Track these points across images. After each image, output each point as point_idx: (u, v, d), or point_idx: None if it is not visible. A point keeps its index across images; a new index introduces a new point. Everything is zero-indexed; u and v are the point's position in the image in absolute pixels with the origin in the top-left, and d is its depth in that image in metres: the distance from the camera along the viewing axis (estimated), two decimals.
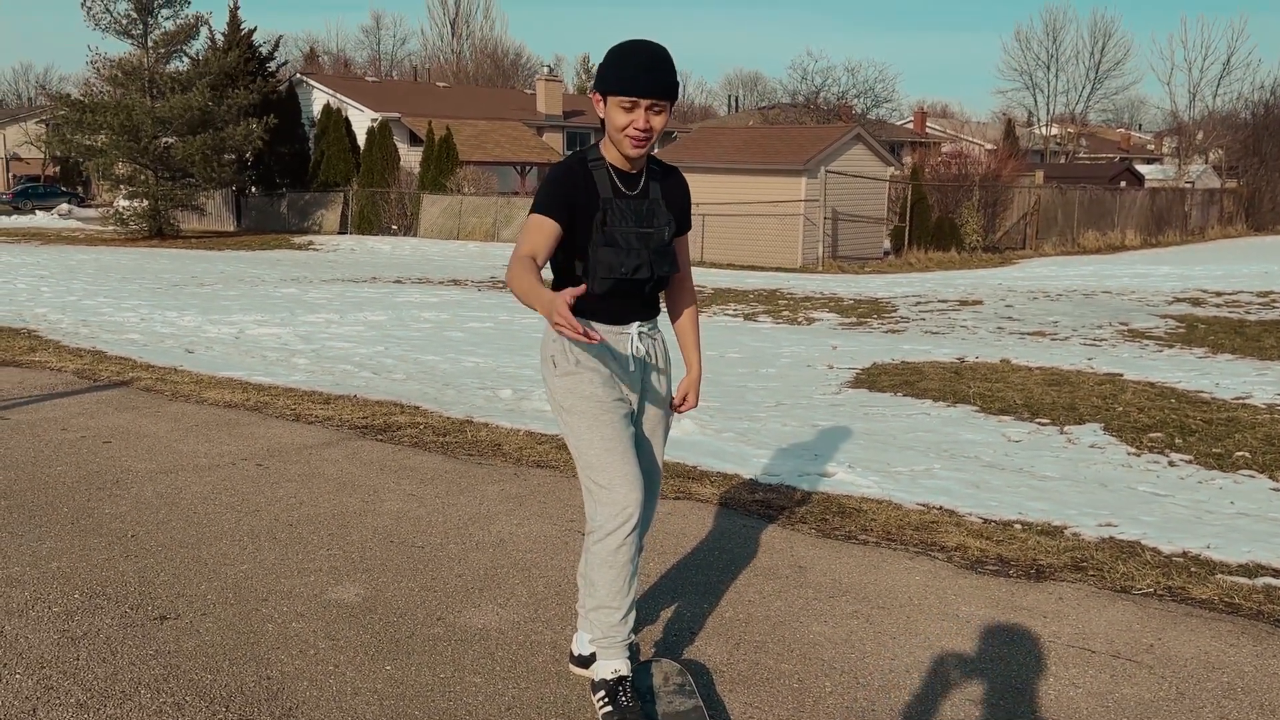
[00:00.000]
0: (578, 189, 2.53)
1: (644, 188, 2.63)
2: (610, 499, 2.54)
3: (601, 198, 2.55)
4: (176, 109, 26.62)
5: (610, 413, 2.58)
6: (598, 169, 2.57)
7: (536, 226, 2.50)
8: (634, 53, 2.46)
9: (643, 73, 2.44)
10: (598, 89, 2.52)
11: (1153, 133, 65.83)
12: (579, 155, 2.60)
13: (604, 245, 2.55)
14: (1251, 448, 6.02)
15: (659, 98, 2.46)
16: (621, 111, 2.47)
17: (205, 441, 5.49)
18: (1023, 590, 3.57)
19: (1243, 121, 41.65)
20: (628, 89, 2.44)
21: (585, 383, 2.59)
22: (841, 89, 41.59)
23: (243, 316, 11.66)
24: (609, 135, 2.53)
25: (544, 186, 2.55)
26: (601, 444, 2.55)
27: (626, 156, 2.55)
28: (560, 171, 2.56)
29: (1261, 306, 13.77)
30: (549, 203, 2.50)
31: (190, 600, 3.39)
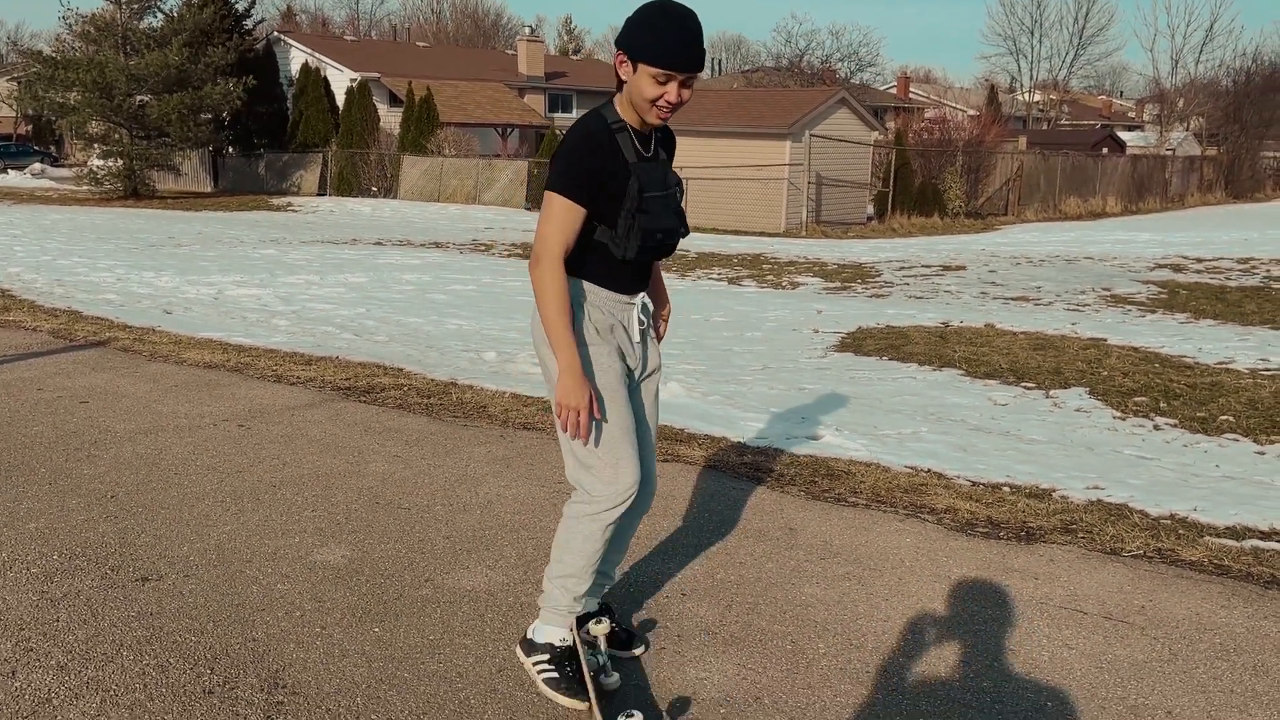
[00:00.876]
0: (605, 159, 2.40)
1: (655, 149, 2.54)
2: (616, 478, 2.48)
3: (630, 163, 2.43)
4: (151, 66, 26.11)
5: (622, 389, 2.52)
6: (621, 133, 2.44)
7: (568, 215, 2.38)
8: (674, 23, 2.33)
9: (683, 48, 2.32)
10: (626, 51, 2.37)
11: (1134, 99, 65.86)
12: (600, 120, 2.44)
13: (640, 211, 2.44)
14: (1235, 412, 6.05)
15: (695, 72, 2.37)
16: (654, 83, 2.35)
17: (185, 402, 5.40)
18: (1013, 552, 3.56)
19: (1224, 89, 41.71)
20: (667, 62, 2.32)
21: (608, 357, 2.51)
22: (826, 53, 41.38)
23: (221, 277, 11.50)
24: (633, 101, 2.40)
25: (570, 162, 2.39)
26: (616, 420, 2.48)
27: (648, 124, 2.45)
28: (586, 144, 2.40)
29: (1242, 273, 13.83)
30: (578, 185, 2.37)
31: (172, 562, 3.33)
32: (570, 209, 2.37)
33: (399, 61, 39.06)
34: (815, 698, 2.60)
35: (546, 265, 2.38)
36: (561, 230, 2.37)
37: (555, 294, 2.37)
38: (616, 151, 2.42)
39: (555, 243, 2.38)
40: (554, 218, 2.38)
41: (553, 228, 2.38)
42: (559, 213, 2.38)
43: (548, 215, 2.39)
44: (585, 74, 46.18)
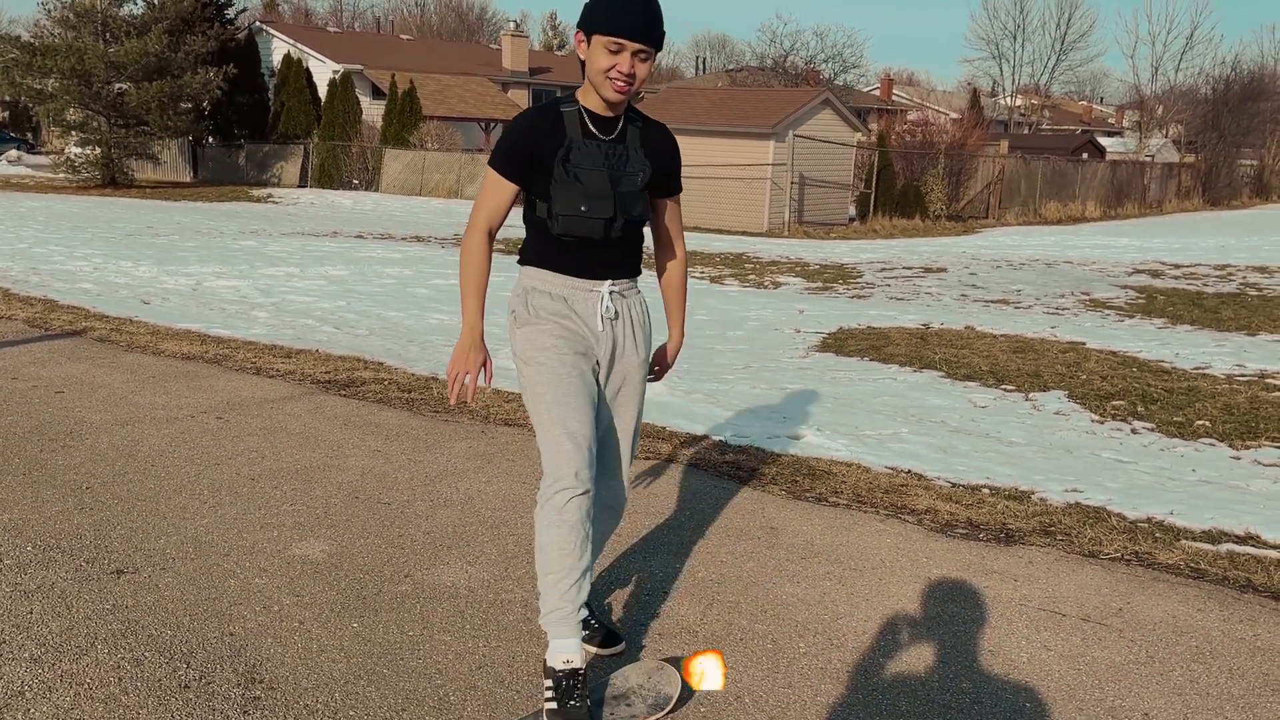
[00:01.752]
0: (540, 135, 2.46)
1: (620, 133, 2.52)
2: (556, 455, 2.41)
3: (568, 138, 2.46)
4: (131, 54, 25.84)
5: (568, 367, 2.47)
6: (569, 111, 2.50)
7: (494, 188, 2.50)
8: None
9: (635, 15, 2.37)
10: (582, 27, 2.44)
11: (1114, 106, 66.35)
12: (551, 101, 2.53)
13: (563, 181, 2.45)
14: (1211, 417, 6.10)
15: (647, 44, 2.39)
16: (606, 53, 2.39)
17: (163, 393, 5.35)
18: (993, 554, 3.57)
19: (1203, 97, 42.07)
20: (617, 29, 2.37)
21: (545, 334, 2.51)
22: (810, 53, 41.42)
23: (200, 268, 11.40)
24: (589, 78, 2.44)
25: (504, 137, 2.48)
26: (554, 397, 2.44)
27: (607, 101, 2.45)
28: (523, 120, 2.49)
29: (1218, 279, 13.96)
30: (506, 160, 2.48)
31: (148, 554, 3.29)
32: (498, 182, 2.48)
33: (382, 54, 38.85)
34: (796, 697, 2.60)
35: (468, 235, 2.50)
36: (487, 201, 2.49)
37: (467, 262, 2.50)
38: (559, 128, 2.47)
39: (480, 214, 2.50)
40: (483, 190, 2.52)
41: (480, 199, 2.51)
42: (488, 184, 2.50)
43: (482, 187, 2.52)
44: (569, 70, 46.06)
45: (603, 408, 2.63)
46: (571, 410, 2.44)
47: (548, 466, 2.44)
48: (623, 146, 2.52)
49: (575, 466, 2.40)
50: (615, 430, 2.65)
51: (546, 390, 2.45)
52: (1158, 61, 53.72)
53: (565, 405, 2.44)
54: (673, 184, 2.68)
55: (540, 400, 2.46)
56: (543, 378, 2.46)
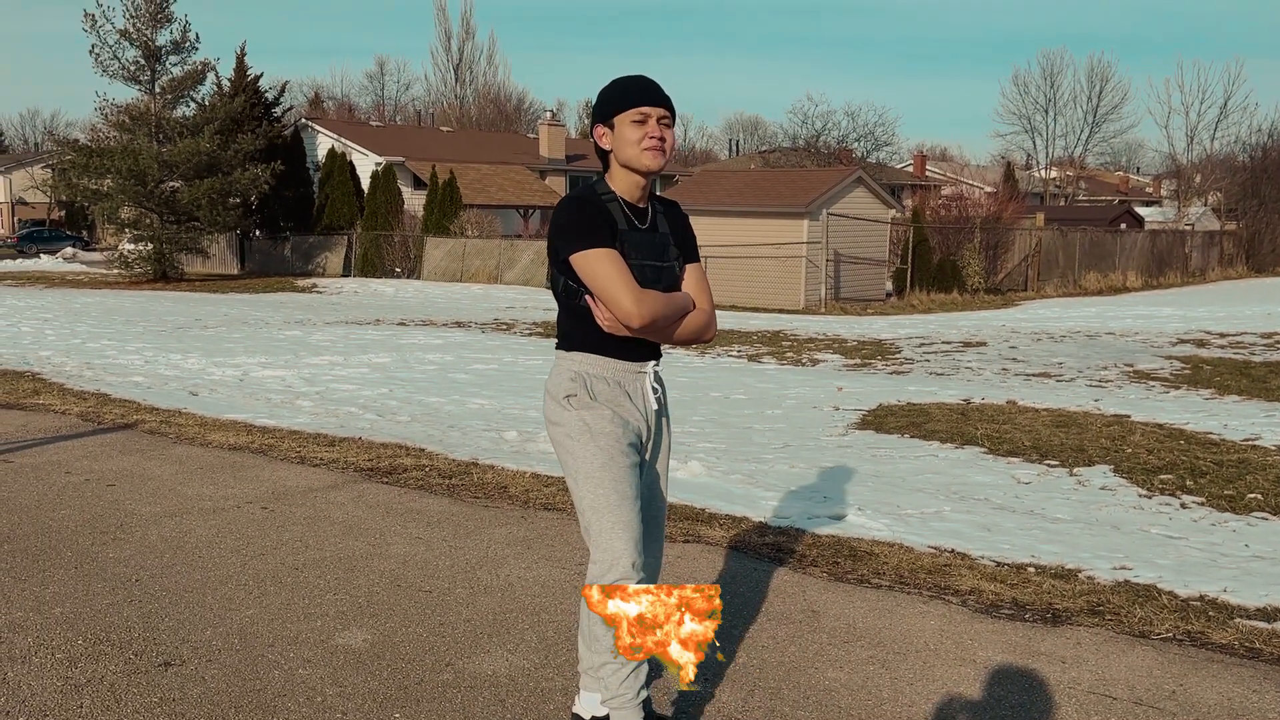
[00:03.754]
0: (601, 218, 2.50)
1: (653, 221, 2.60)
2: (610, 545, 2.44)
3: (620, 229, 2.52)
4: (183, 154, 26.84)
5: (624, 455, 2.50)
6: (610, 202, 2.55)
7: (610, 258, 2.45)
8: (630, 78, 2.56)
9: (646, 88, 2.53)
10: (599, 120, 2.56)
11: (1151, 175, 66.27)
12: (588, 189, 2.57)
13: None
14: (1263, 489, 5.98)
15: (667, 108, 2.53)
16: (634, 126, 2.51)
17: (210, 484, 5.45)
18: (1040, 635, 3.51)
19: (1241, 164, 41.93)
20: (637, 101, 2.51)
21: (605, 419, 2.51)
22: (842, 132, 41.96)
23: (247, 359, 11.66)
24: (622, 161, 2.54)
25: (572, 222, 2.49)
26: (612, 485, 2.46)
27: (645, 171, 2.54)
28: (577, 205, 2.51)
29: (1266, 348, 13.75)
30: (594, 233, 2.47)
31: (195, 646, 3.34)
32: (605, 253, 2.45)
33: (423, 145, 39.98)
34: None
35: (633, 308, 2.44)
36: (618, 274, 2.44)
37: (661, 302, 2.49)
38: (608, 215, 2.52)
39: (622, 283, 2.44)
40: (600, 268, 2.45)
41: (606, 276, 2.44)
42: (599, 261, 2.45)
43: (596, 275, 2.45)
44: None
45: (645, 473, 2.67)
46: (629, 502, 2.48)
47: (603, 555, 2.45)
48: (659, 235, 2.60)
49: (633, 557, 2.45)
50: (654, 501, 2.70)
51: (605, 476, 2.47)
52: (1193, 131, 53.69)
53: (624, 495, 2.47)
54: (692, 253, 2.73)
55: (598, 485, 2.47)
56: (601, 462, 2.48)
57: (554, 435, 2.57)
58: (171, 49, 28.35)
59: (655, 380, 2.62)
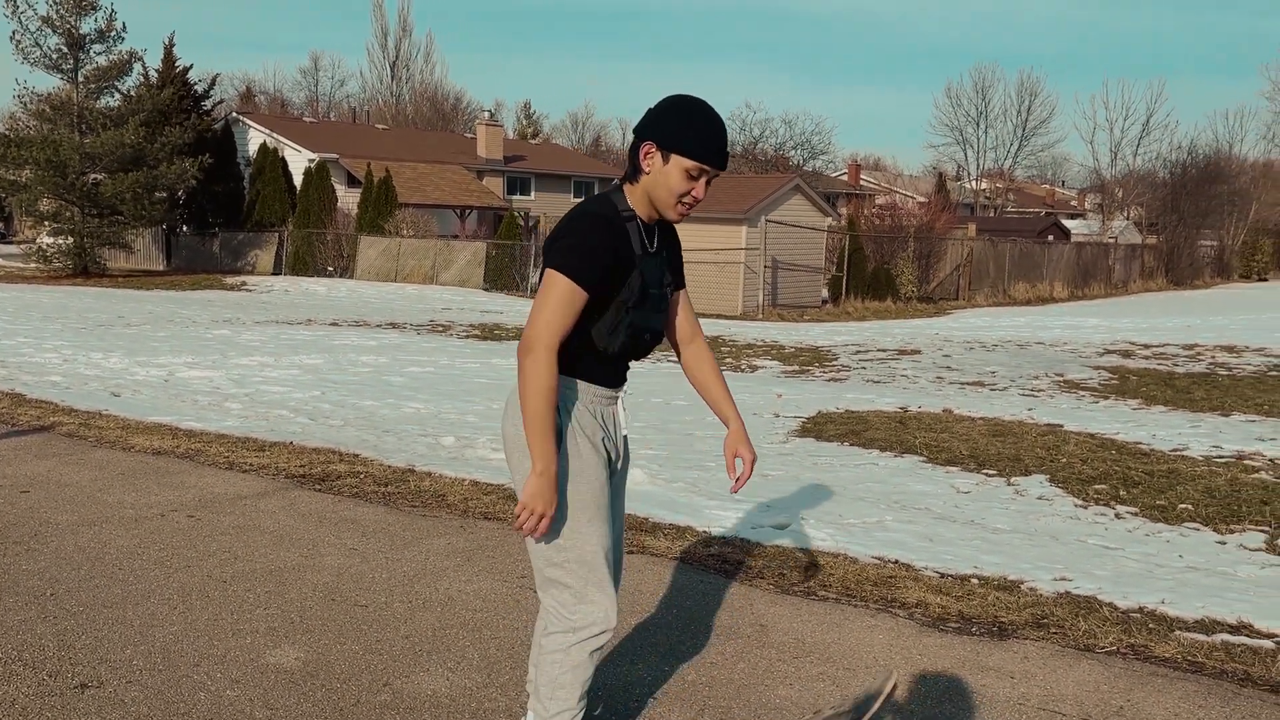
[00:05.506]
0: (617, 245, 2.29)
1: (658, 244, 2.45)
2: (600, 600, 2.34)
3: (636, 254, 2.34)
4: (107, 145, 25.99)
5: (607, 508, 2.39)
6: (630, 223, 2.35)
7: (571, 299, 2.23)
8: (710, 119, 2.29)
9: (719, 142, 2.29)
10: (657, 141, 2.28)
11: (1076, 189, 68.06)
12: (609, 205, 2.34)
13: (635, 306, 2.34)
14: (1194, 500, 6.09)
15: (724, 169, 2.35)
16: (685, 178, 2.29)
17: (132, 491, 5.22)
18: (987, 649, 3.50)
19: (1161, 180, 43.26)
20: (705, 156, 2.27)
21: (594, 468, 2.36)
22: (779, 140, 42.34)
23: (172, 359, 11.28)
24: (652, 194, 2.32)
25: (582, 240, 2.25)
26: (599, 541, 2.34)
27: (665, 219, 2.38)
28: (599, 225, 2.28)
29: (1188, 359, 14.14)
30: (589, 266, 2.23)
31: (114, 666, 3.15)
32: (574, 293, 2.22)
33: (358, 143, 39.34)
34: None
35: (540, 354, 2.21)
36: (562, 315, 2.23)
37: (545, 387, 2.21)
38: (625, 241, 2.32)
39: (553, 330, 2.22)
40: (556, 300, 2.22)
41: (552, 312, 2.22)
42: (562, 295, 2.22)
43: (547, 297, 2.23)
44: (543, 157, 46.80)
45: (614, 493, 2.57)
46: (610, 553, 2.39)
47: (593, 604, 2.34)
48: (661, 258, 2.45)
49: (614, 614, 2.38)
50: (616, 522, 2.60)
51: (593, 532, 2.35)
52: (1116, 146, 55.39)
53: (607, 545, 2.37)
54: (681, 278, 2.61)
55: (587, 541, 2.34)
56: (588, 518, 2.34)
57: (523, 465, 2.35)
58: (96, 37, 27.45)
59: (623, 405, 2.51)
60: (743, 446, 2.57)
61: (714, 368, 2.64)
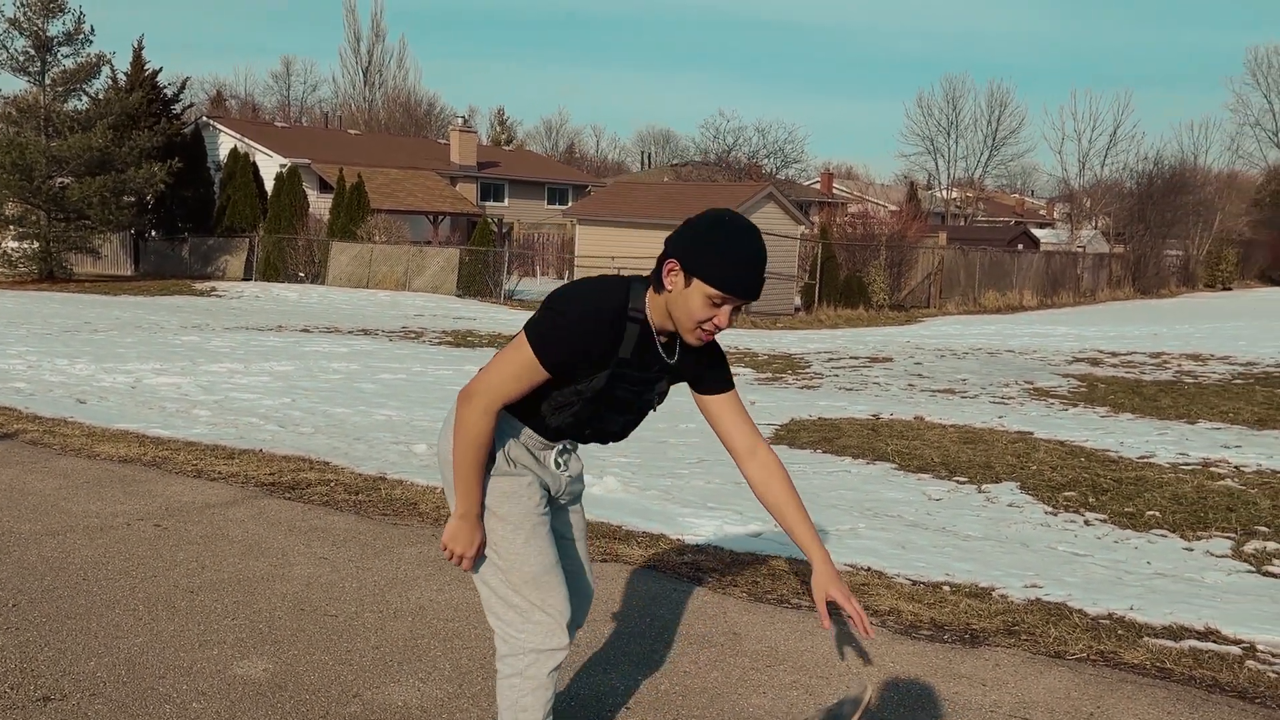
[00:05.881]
0: (600, 345, 2.17)
1: (678, 355, 2.28)
2: (545, 620, 2.28)
3: (619, 357, 2.19)
4: (74, 149, 25.66)
5: (544, 525, 2.33)
6: (633, 324, 2.19)
7: (527, 372, 2.16)
8: (741, 244, 2.11)
9: (749, 272, 2.11)
10: (680, 260, 2.12)
11: (1045, 198, 68.80)
12: (620, 302, 2.18)
13: (589, 402, 2.24)
14: (1161, 507, 6.15)
15: (753, 300, 2.16)
16: (707, 304, 2.12)
17: (97, 500, 5.14)
18: (959, 656, 3.51)
19: (1128, 190, 43.84)
20: (731, 288, 2.09)
21: (525, 488, 2.30)
22: (752, 149, 42.53)
23: (140, 365, 11.14)
24: (674, 314, 2.16)
25: (565, 327, 2.14)
26: (538, 558, 2.29)
27: (683, 341, 2.22)
28: (590, 321, 2.15)
29: (1155, 367, 14.31)
30: (555, 353, 2.14)
31: (77, 679, 3.10)
32: (535, 368, 2.15)
33: (330, 148, 39.12)
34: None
35: (478, 409, 2.16)
36: (516, 382, 2.16)
37: (476, 443, 2.18)
38: (616, 340, 2.18)
39: (498, 391, 2.16)
40: (515, 366, 2.16)
41: (506, 376, 2.16)
42: (522, 364, 2.16)
43: (509, 360, 2.17)
44: (517, 164, 46.75)
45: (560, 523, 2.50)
46: (556, 569, 2.32)
47: (539, 621, 2.28)
48: (662, 369, 2.29)
49: (563, 631, 2.31)
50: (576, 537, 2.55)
51: (531, 550, 2.28)
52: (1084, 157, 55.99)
53: (550, 567, 2.30)
54: (720, 381, 2.35)
55: (524, 560, 2.28)
56: (524, 537, 2.28)
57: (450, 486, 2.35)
58: (64, 40, 27.10)
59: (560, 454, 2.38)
60: (833, 587, 2.28)
61: (788, 488, 2.37)
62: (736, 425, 2.37)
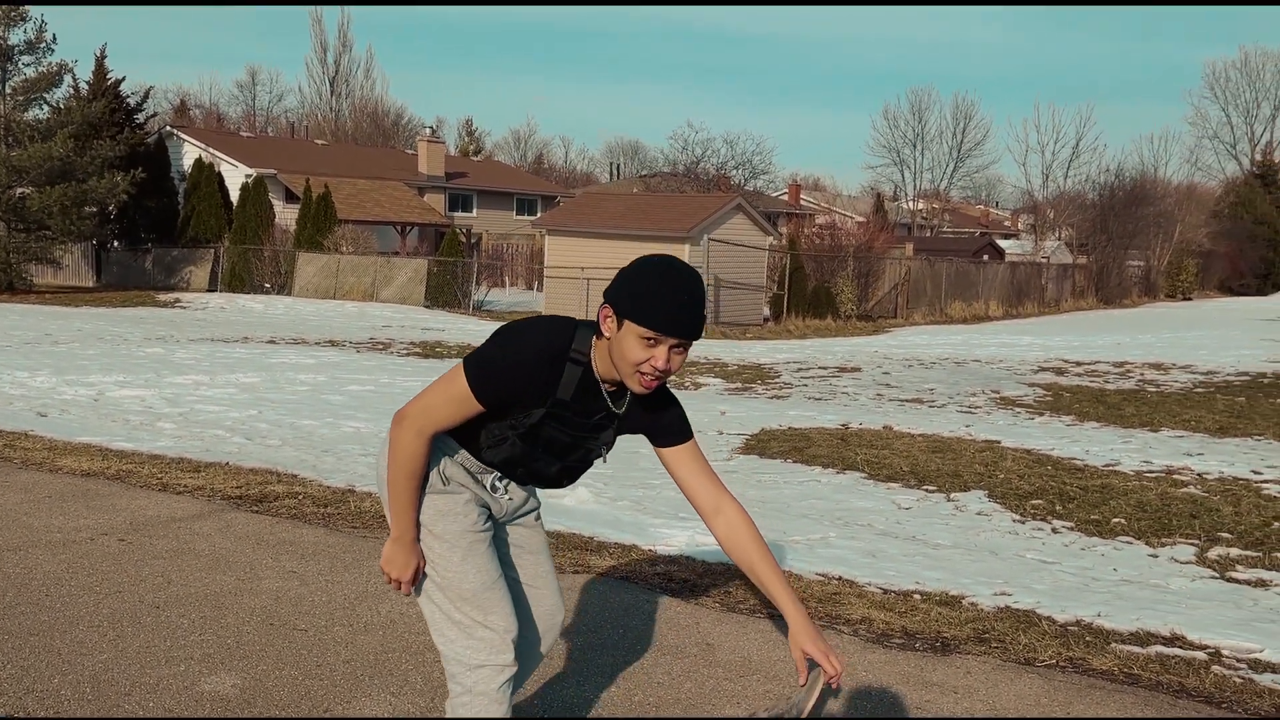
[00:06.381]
0: (535, 383, 2.16)
1: (612, 402, 2.24)
2: (488, 636, 2.25)
3: (555, 398, 2.18)
4: (34, 158, 25.29)
5: (484, 542, 2.31)
6: (574, 366, 2.17)
7: (462, 404, 2.16)
8: (671, 284, 2.09)
9: (678, 309, 2.08)
10: (612, 305, 2.11)
11: (1010, 210, 69.65)
12: (564, 340, 2.17)
13: (521, 438, 2.23)
14: (1126, 514, 6.23)
15: (690, 339, 2.12)
16: (641, 345, 2.08)
17: (60, 515, 5.05)
18: (931, 664, 3.53)
19: (1091, 202, 44.47)
20: (658, 325, 2.06)
21: (461, 505, 2.29)
22: (720, 160, 42.70)
23: (103, 377, 10.98)
24: (615, 361, 2.14)
25: (499, 363, 2.14)
26: (477, 575, 2.26)
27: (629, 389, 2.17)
28: (531, 361, 2.14)
29: (1118, 376, 14.51)
30: (490, 388, 2.14)
31: (41, 696, 3.04)
32: (468, 400, 2.16)
33: (296, 158, 38.83)
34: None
35: (410, 433, 2.17)
36: (449, 411, 2.17)
37: (410, 469, 2.20)
38: (554, 380, 2.17)
39: (432, 418, 2.17)
40: (449, 396, 2.17)
41: (440, 405, 2.17)
42: (456, 394, 2.16)
43: (446, 389, 2.18)
44: (485, 175, 46.65)
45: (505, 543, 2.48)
46: (498, 583, 2.30)
47: (482, 637, 2.25)
48: (607, 418, 2.26)
49: (507, 647, 2.27)
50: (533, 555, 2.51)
51: (469, 567, 2.26)
52: (1048, 168, 56.83)
53: (491, 582, 2.28)
54: (675, 431, 2.31)
55: (463, 578, 2.26)
56: (461, 555, 2.27)
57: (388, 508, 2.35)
58: (25, 49, 26.74)
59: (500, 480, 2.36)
60: (809, 644, 2.19)
61: (757, 545, 2.29)
62: (698, 480, 2.33)
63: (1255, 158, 60.81)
